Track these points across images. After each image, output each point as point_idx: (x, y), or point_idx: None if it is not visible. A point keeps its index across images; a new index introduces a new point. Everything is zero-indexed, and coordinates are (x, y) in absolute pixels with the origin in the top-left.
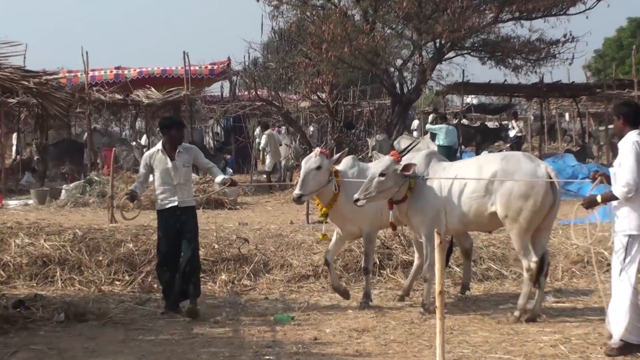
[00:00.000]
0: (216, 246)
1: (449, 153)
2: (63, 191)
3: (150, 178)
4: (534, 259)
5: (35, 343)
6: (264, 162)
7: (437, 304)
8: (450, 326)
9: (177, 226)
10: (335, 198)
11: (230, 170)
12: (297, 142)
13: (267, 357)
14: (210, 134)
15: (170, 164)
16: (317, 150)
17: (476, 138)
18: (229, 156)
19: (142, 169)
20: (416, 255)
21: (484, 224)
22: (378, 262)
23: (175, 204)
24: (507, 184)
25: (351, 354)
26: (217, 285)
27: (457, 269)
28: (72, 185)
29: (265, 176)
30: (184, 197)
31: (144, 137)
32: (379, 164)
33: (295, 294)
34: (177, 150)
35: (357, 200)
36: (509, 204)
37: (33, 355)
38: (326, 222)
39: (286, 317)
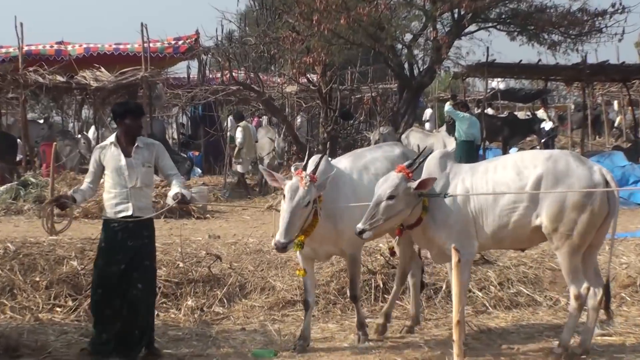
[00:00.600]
0: (181, 264)
1: (471, 150)
2: None
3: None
4: (585, 284)
5: None
6: (237, 161)
7: (455, 336)
8: None
9: (129, 244)
10: (315, 223)
11: (199, 171)
12: (282, 136)
13: None
14: (175, 125)
15: (124, 162)
16: (306, 177)
17: (503, 131)
18: (197, 153)
19: (91, 167)
20: (410, 272)
21: (521, 240)
22: (382, 285)
23: (129, 213)
24: (560, 193)
25: None
26: (182, 312)
27: (480, 294)
28: (2, 188)
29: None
30: (141, 205)
31: (92, 129)
32: (384, 183)
33: (279, 324)
34: (135, 145)
35: (362, 231)
36: (561, 216)
37: None
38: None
39: (267, 352)
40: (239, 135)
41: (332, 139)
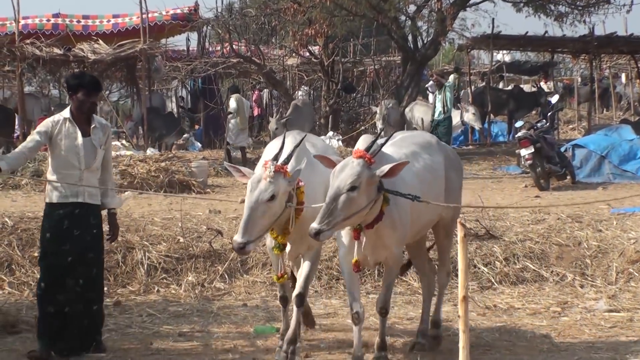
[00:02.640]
0: (181, 240)
1: None
2: None
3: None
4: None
5: None
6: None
7: (460, 312)
8: (475, 342)
9: (75, 233)
10: (295, 221)
11: (199, 145)
12: (276, 116)
13: None
14: (174, 98)
15: (80, 141)
16: (270, 167)
17: (509, 105)
18: (197, 127)
19: (35, 135)
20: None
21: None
22: None
23: (79, 199)
24: (455, 179)
25: None
26: (183, 288)
27: (485, 269)
28: None
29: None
30: (92, 191)
31: None
32: (341, 172)
33: None
34: (93, 125)
35: (319, 232)
36: (457, 201)
37: None
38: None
39: (269, 328)
40: (232, 103)
41: (334, 113)
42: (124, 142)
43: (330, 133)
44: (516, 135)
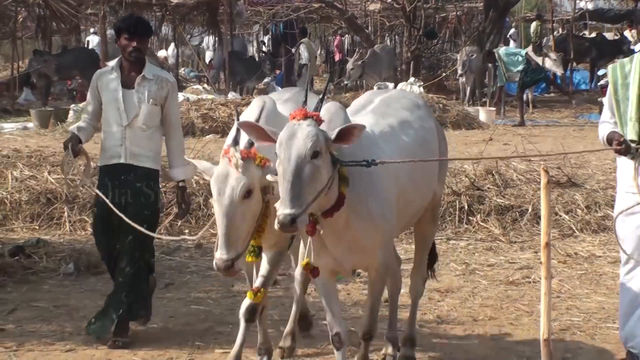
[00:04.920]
0: None
1: None
2: (71, 112)
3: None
4: None
5: (38, 299)
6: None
7: (543, 259)
8: (556, 289)
9: (121, 200)
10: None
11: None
12: (355, 56)
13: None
14: (255, 43)
15: (121, 94)
16: (235, 157)
17: (591, 53)
18: (277, 71)
19: (89, 96)
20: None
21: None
22: (466, 207)
23: (120, 160)
24: (444, 147)
25: (431, 320)
26: None
27: (566, 217)
28: (82, 104)
29: None
30: (137, 152)
31: (172, 46)
32: (292, 138)
33: None
34: (141, 75)
35: (295, 218)
36: (444, 175)
37: (35, 313)
38: None
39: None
40: (304, 53)
41: (415, 59)
42: (205, 86)
43: (412, 79)
44: (599, 84)
